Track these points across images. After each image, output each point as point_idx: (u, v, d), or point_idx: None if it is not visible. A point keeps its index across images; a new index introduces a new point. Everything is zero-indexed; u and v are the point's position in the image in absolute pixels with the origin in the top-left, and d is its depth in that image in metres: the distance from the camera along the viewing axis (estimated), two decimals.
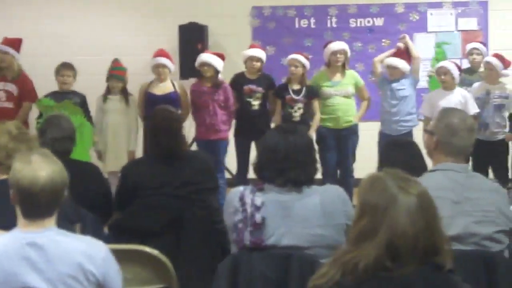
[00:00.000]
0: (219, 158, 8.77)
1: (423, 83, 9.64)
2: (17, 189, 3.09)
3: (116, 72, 8.96)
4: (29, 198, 3.06)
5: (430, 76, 10.24)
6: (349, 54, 9.09)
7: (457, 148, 3.88)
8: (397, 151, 5.12)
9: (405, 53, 9.06)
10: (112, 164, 8.82)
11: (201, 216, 4.92)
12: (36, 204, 3.07)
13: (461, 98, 8.50)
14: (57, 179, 3.10)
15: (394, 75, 8.91)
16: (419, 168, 4.59)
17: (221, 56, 8.91)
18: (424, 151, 4.40)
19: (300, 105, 8.83)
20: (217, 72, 8.83)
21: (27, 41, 9.52)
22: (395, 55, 9.05)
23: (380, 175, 2.63)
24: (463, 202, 3.71)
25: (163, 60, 8.93)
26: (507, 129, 8.76)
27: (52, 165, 3.13)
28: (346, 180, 8.80)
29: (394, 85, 8.88)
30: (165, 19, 11.01)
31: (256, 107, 8.93)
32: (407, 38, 9.27)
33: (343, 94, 8.91)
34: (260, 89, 8.94)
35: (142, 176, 5.04)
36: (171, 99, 8.71)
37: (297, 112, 8.82)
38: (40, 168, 3.08)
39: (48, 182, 3.06)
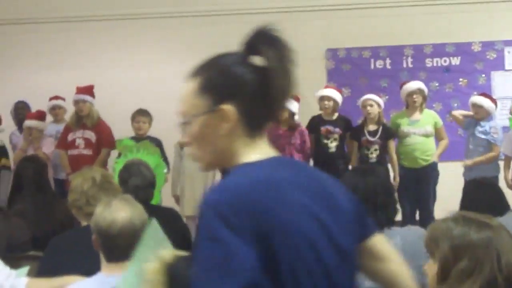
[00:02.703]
0: None
1: (504, 121, 9.47)
2: (98, 232, 3.12)
3: None
4: (109, 240, 3.09)
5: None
6: (426, 92, 9.02)
7: None
8: (481, 191, 5.07)
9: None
10: (189, 209, 8.87)
11: None
12: (116, 246, 3.09)
13: None
14: (136, 221, 3.12)
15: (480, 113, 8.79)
16: (502, 208, 4.53)
17: (296, 98, 8.92)
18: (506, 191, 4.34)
19: (376, 146, 8.77)
20: (292, 114, 8.84)
21: (102, 89, 9.72)
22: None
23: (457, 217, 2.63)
24: None
25: None
26: None
27: (132, 208, 3.17)
28: (427, 221, 8.67)
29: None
30: None
31: (333, 149, 8.91)
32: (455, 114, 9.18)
33: (422, 133, 8.83)
34: (337, 130, 8.92)
35: None
36: None
37: (373, 154, 8.76)
38: (119, 210, 3.12)
39: (126, 223, 3.09)
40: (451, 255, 2.56)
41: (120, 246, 3.09)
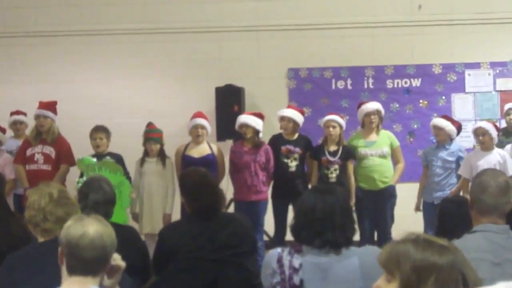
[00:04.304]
0: (259, 219, 8.73)
1: (463, 143, 9.55)
2: (66, 243, 3.09)
3: (153, 135, 9.03)
4: (76, 251, 3.06)
5: None
6: (383, 114, 9.09)
7: (488, 206, 3.83)
8: (458, 208, 5.20)
9: None
10: (147, 226, 8.84)
11: (238, 279, 4.89)
12: (83, 259, 3.06)
13: (500, 159, 8.44)
14: (106, 239, 3.11)
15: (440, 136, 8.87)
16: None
17: (260, 116, 8.93)
18: None
19: (336, 166, 8.80)
20: (257, 132, 8.84)
21: (63, 104, 9.69)
22: None
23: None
24: (503, 264, 3.66)
25: (202, 121, 8.99)
26: None
27: (104, 226, 3.16)
28: (385, 242, 8.68)
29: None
30: (201, 81, 11.08)
31: (293, 168, 8.92)
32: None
33: (378, 154, 8.88)
34: (297, 149, 8.93)
35: (179, 240, 5.02)
36: (209, 161, 8.74)
37: (333, 174, 8.78)
38: (90, 224, 3.11)
39: (97, 238, 3.07)
40: (415, 276, 2.57)
41: (86, 259, 3.06)
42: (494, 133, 8.52)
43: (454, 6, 10.96)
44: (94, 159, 8.64)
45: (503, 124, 9.79)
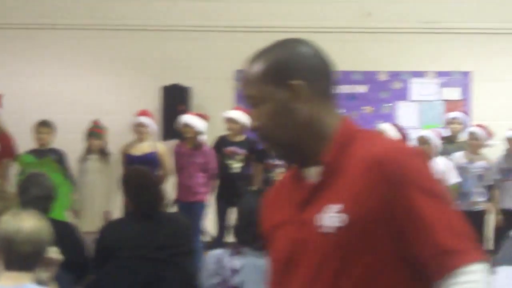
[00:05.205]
0: (195, 221, 8.69)
1: None
2: (2, 238, 3.06)
3: (94, 130, 8.98)
4: (12, 246, 3.04)
5: None
6: None
7: None
8: None
9: None
10: (87, 224, 8.75)
11: (176, 280, 4.86)
12: (19, 253, 3.03)
13: (443, 167, 8.52)
14: (42, 234, 3.10)
15: None
16: None
17: (204, 117, 8.91)
18: None
19: (282, 169, 8.81)
20: (198, 133, 8.82)
21: (8, 98, 9.56)
22: None
23: None
24: None
25: (145, 119, 8.96)
26: (484, 198, 8.79)
27: (40, 221, 3.15)
28: None
29: None
30: (148, 80, 11.01)
31: (236, 170, 8.91)
32: None
33: None
34: (241, 151, 8.93)
35: (118, 238, 4.98)
36: (149, 159, 8.68)
37: (278, 177, 8.80)
38: (27, 219, 3.09)
39: (33, 232, 3.06)
40: None
41: (23, 254, 3.05)
42: (436, 141, 8.60)
43: (402, 15, 11.05)
44: (34, 158, 8.56)
45: (447, 133, 9.88)
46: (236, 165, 8.93)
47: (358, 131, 2.11)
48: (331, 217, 1.95)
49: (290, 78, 2.11)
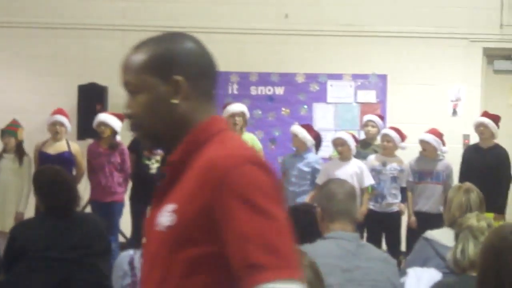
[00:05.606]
0: (113, 221, 8.65)
1: (323, 153, 9.66)
2: None
3: (8, 128, 8.86)
4: None
5: None
6: (248, 116, 9.15)
7: (336, 212, 3.93)
8: (295, 217, 5.18)
9: None
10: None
11: (90, 280, 4.81)
12: None
13: (357, 169, 8.60)
14: None
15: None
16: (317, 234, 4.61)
17: (120, 117, 8.85)
18: None
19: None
20: (114, 133, 8.76)
21: None
22: None
23: None
24: (353, 271, 3.74)
25: (60, 118, 8.86)
26: (398, 200, 8.90)
27: None
28: None
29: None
30: (65, 79, 10.86)
31: (153, 170, 8.87)
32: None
33: None
34: (160, 151, 8.88)
35: (30, 238, 4.89)
36: (64, 159, 8.61)
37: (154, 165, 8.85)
38: None
39: None
40: None
41: None
42: (352, 143, 8.69)
43: (320, 18, 11.11)
44: None
45: (362, 135, 9.98)
46: (153, 166, 8.89)
47: (217, 133, 2.12)
48: (165, 216, 2.00)
49: (172, 73, 2.13)
